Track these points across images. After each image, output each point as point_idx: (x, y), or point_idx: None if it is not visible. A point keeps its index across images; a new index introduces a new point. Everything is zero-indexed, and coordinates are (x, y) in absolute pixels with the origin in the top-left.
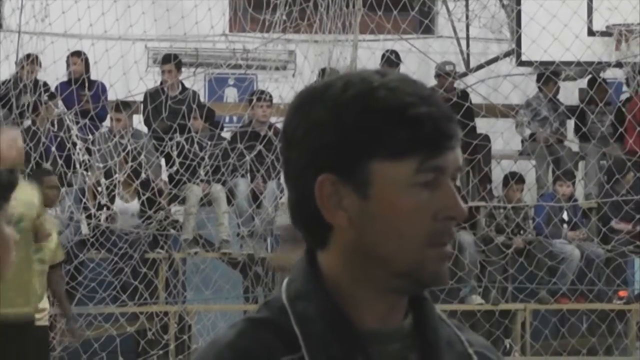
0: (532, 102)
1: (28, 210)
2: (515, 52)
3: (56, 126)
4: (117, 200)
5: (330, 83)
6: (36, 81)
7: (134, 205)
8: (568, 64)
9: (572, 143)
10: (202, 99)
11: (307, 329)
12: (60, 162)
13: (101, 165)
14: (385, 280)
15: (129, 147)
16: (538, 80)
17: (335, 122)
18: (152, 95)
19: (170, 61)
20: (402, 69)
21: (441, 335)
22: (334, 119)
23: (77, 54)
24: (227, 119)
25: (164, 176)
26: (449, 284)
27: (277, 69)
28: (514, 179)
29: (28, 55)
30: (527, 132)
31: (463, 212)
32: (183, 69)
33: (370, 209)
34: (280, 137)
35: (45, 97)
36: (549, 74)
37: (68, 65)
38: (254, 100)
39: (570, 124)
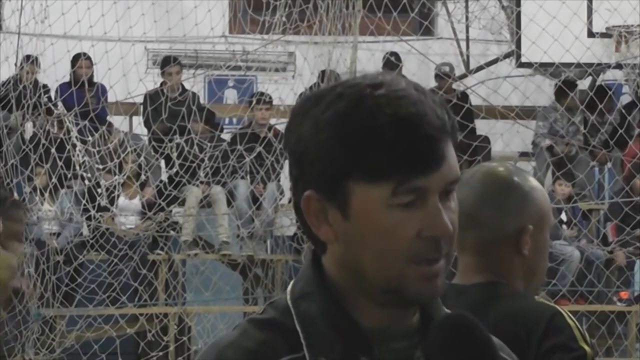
0: (548, 115)
1: None
2: (515, 53)
3: (56, 127)
4: (120, 198)
5: (324, 93)
6: (36, 82)
7: (136, 202)
8: (568, 65)
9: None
10: (201, 101)
11: (309, 328)
12: (60, 163)
13: (101, 167)
14: (374, 295)
15: (128, 149)
16: (556, 93)
17: (315, 140)
18: (152, 97)
19: (171, 63)
20: (402, 70)
21: None
22: (314, 136)
23: (83, 55)
24: (226, 121)
25: (164, 177)
26: (439, 296)
27: (276, 70)
28: None
29: (28, 57)
30: (546, 142)
31: (447, 230)
32: (183, 71)
33: (351, 228)
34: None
35: (45, 99)
36: (564, 88)
37: (73, 66)
38: (254, 102)
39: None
